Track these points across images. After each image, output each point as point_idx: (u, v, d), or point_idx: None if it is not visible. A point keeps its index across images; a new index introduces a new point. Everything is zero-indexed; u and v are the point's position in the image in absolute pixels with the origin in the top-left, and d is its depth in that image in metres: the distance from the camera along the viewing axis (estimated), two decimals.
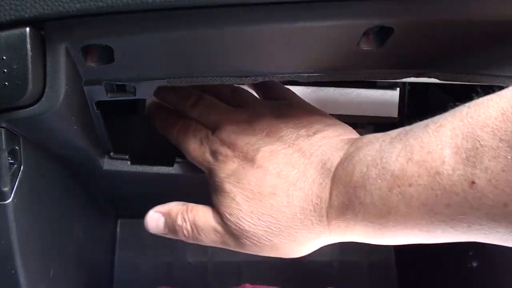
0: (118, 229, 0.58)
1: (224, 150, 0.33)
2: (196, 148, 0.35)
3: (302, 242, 0.31)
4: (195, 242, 0.35)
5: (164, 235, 0.37)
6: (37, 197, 0.32)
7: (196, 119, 0.36)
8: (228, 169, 0.33)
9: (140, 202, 0.50)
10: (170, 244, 0.57)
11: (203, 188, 0.35)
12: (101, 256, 0.54)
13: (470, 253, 0.48)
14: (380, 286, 0.60)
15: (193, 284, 0.58)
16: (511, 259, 0.44)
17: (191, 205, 0.35)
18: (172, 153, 0.38)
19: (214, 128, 0.35)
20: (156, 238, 0.39)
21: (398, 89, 0.46)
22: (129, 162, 0.39)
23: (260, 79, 0.30)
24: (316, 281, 0.58)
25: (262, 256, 0.34)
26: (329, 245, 0.32)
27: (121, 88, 0.30)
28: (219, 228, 0.33)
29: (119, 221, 0.58)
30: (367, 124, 0.48)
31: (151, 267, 0.58)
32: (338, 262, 0.59)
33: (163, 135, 0.38)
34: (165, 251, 0.58)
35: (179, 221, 0.35)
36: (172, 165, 0.39)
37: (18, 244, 0.28)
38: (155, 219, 0.36)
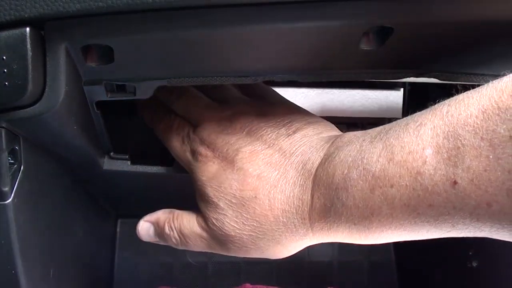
0: (118, 229, 0.58)
1: (204, 150, 0.33)
2: (178, 146, 0.35)
3: (286, 244, 0.31)
4: (184, 249, 0.35)
5: (157, 243, 0.37)
6: (37, 197, 0.32)
7: (180, 114, 0.36)
8: (209, 171, 0.32)
9: (140, 202, 0.50)
10: None
11: None
12: (101, 256, 0.54)
13: (470, 253, 0.48)
14: (380, 286, 0.60)
15: (193, 284, 0.58)
16: (511, 259, 0.44)
17: (177, 212, 0.35)
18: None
19: (195, 125, 0.35)
20: None
21: (401, 89, 0.46)
22: (129, 162, 0.39)
23: (260, 79, 0.30)
24: (316, 281, 0.58)
25: None
26: (329, 245, 0.32)
27: (121, 88, 0.30)
28: (204, 234, 0.33)
29: (119, 221, 0.58)
30: (367, 124, 0.48)
31: (151, 267, 0.58)
32: (338, 262, 0.59)
33: None
34: (165, 251, 0.58)
35: (167, 230, 0.35)
36: (172, 165, 0.39)
37: (18, 244, 0.28)
38: (145, 228, 0.37)
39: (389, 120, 0.46)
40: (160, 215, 0.36)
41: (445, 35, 0.27)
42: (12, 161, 0.28)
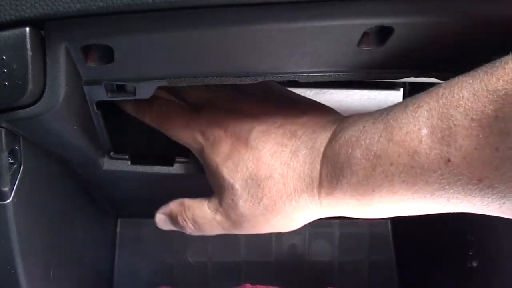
0: (118, 229, 0.58)
1: (216, 131, 0.33)
2: (182, 128, 0.35)
3: (297, 219, 0.33)
4: (201, 234, 0.36)
5: (177, 230, 0.38)
6: (37, 197, 0.32)
7: (179, 96, 0.36)
8: (222, 152, 0.33)
9: (140, 202, 0.50)
10: (170, 244, 0.57)
11: (203, 188, 0.35)
12: (101, 256, 0.54)
13: (470, 253, 0.48)
14: (380, 286, 0.60)
15: (193, 284, 0.58)
16: (511, 259, 0.44)
17: (187, 203, 0.36)
18: (172, 153, 0.38)
19: (200, 107, 0.35)
20: (156, 238, 0.39)
21: (401, 89, 0.46)
22: (129, 162, 0.39)
23: (260, 79, 0.30)
24: (316, 281, 0.58)
25: (262, 256, 0.34)
26: (329, 245, 0.32)
27: (121, 88, 0.30)
28: (218, 217, 0.34)
29: (119, 221, 0.58)
30: None
31: (151, 267, 0.58)
32: (338, 262, 0.59)
33: (163, 135, 0.38)
34: (165, 251, 0.58)
35: (180, 221, 0.36)
36: (172, 165, 0.39)
37: (18, 244, 0.28)
38: (162, 219, 0.38)
39: None
40: (172, 207, 0.37)
41: (445, 35, 0.27)
42: (12, 161, 0.28)
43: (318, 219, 0.33)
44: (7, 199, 0.27)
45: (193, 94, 0.35)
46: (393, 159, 0.26)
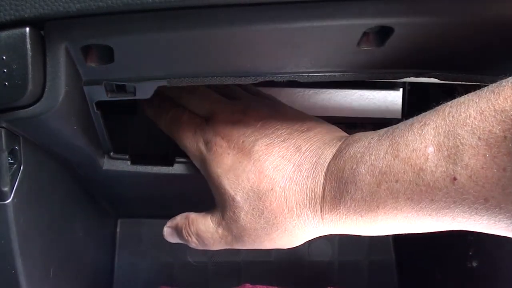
0: (118, 229, 0.58)
1: (219, 141, 0.33)
2: (189, 136, 0.35)
3: (298, 235, 0.32)
4: (205, 249, 0.37)
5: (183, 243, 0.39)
6: (37, 197, 0.32)
7: (190, 108, 0.36)
8: (224, 163, 0.33)
9: (140, 202, 0.50)
10: (170, 244, 0.57)
11: (203, 188, 0.35)
12: (101, 256, 0.54)
13: (470, 253, 0.48)
14: (380, 286, 0.60)
15: (193, 284, 0.58)
16: (511, 259, 0.44)
17: (191, 217, 0.36)
18: (172, 153, 0.38)
19: (208, 118, 0.35)
20: (156, 238, 0.39)
21: (401, 89, 0.46)
22: (129, 162, 0.39)
23: (260, 79, 0.30)
24: (316, 281, 0.58)
25: (262, 256, 0.34)
26: (329, 245, 0.32)
27: (121, 88, 0.30)
28: (220, 230, 0.34)
29: (119, 221, 0.58)
30: (368, 124, 0.48)
31: (151, 267, 0.58)
32: (338, 262, 0.59)
33: (163, 135, 0.38)
34: (165, 251, 0.58)
35: (185, 235, 0.37)
36: (172, 165, 0.39)
37: (18, 244, 0.28)
38: (169, 233, 0.39)
39: (387, 120, 0.46)
40: (178, 220, 0.37)
41: (445, 35, 0.27)
42: (12, 161, 0.28)
43: None
44: (7, 199, 0.27)
45: (202, 105, 0.36)
46: (398, 176, 0.26)
